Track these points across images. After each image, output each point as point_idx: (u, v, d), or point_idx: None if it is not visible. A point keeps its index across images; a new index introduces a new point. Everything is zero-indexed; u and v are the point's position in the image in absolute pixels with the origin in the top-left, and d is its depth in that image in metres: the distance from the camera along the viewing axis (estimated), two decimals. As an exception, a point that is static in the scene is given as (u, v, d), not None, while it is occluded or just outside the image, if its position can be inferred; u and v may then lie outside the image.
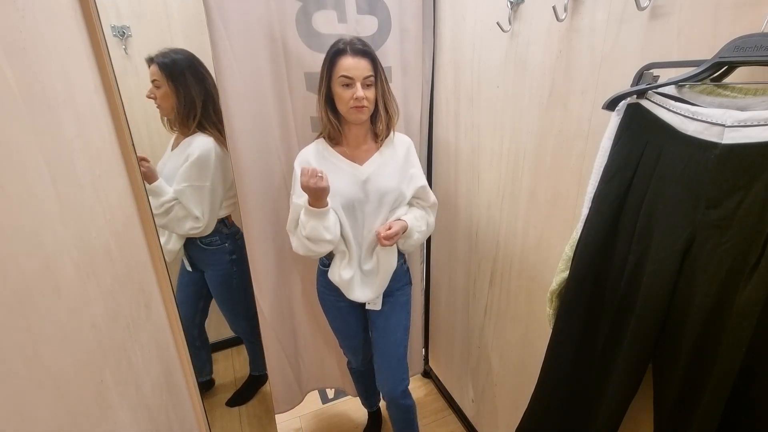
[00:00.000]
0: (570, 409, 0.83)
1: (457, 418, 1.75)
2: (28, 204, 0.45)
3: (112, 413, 0.59)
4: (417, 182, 1.20)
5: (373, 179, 1.14)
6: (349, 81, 1.04)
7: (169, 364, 0.92)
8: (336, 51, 1.05)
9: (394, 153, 1.19)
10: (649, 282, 0.65)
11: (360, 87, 1.04)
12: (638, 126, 0.68)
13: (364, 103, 1.06)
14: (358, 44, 1.05)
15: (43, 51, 0.54)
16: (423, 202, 1.24)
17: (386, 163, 1.17)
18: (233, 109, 1.18)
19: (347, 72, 1.04)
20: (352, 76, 1.04)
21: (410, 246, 1.22)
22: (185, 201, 1.35)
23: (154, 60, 1.32)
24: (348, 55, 1.04)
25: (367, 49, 1.06)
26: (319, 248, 1.12)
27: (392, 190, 1.16)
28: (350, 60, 1.03)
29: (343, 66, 1.04)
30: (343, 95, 1.06)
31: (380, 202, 1.15)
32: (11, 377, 0.38)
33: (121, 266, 0.71)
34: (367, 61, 1.05)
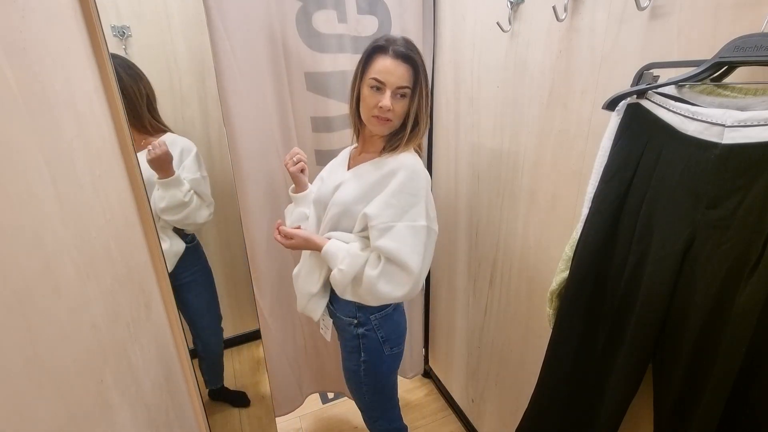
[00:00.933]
0: (570, 409, 0.83)
1: (457, 418, 1.75)
2: (28, 204, 0.45)
3: (112, 413, 0.59)
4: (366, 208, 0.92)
5: (341, 187, 0.99)
6: (380, 85, 0.90)
7: (169, 364, 0.92)
8: (375, 48, 0.91)
9: (377, 168, 0.96)
10: (649, 282, 0.65)
11: (389, 96, 0.89)
12: (638, 126, 0.68)
13: (389, 116, 0.91)
14: (401, 46, 0.90)
15: (43, 51, 0.54)
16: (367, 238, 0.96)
17: (362, 175, 0.97)
18: (233, 109, 1.18)
19: (379, 75, 0.89)
20: (383, 81, 0.89)
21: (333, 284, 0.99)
22: (201, 189, 1.39)
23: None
24: (388, 55, 0.89)
25: (411, 55, 0.90)
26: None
27: (341, 203, 0.97)
28: (388, 62, 0.89)
29: (378, 67, 0.89)
30: (369, 100, 0.91)
31: (328, 211, 1.00)
32: (11, 377, 0.38)
33: (121, 266, 0.71)
34: (408, 69, 0.90)
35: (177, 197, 1.29)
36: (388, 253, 0.89)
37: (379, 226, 0.90)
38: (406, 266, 0.89)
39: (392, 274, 0.91)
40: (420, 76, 0.92)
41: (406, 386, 1.95)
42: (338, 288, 0.97)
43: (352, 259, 0.93)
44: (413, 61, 0.90)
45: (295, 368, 1.61)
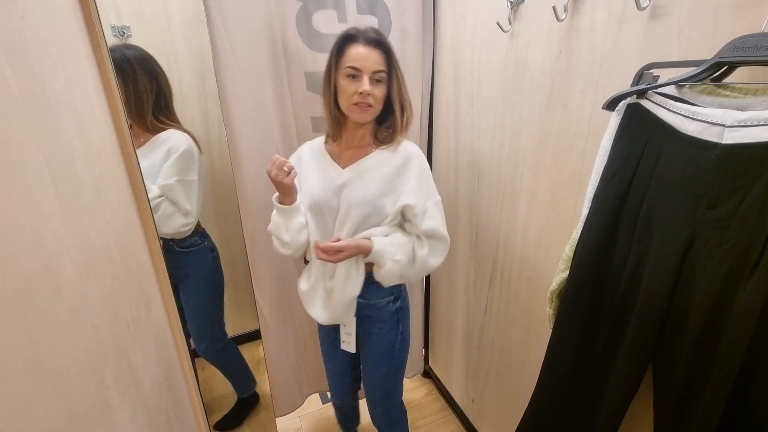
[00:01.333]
0: (570, 409, 0.83)
1: (457, 418, 1.75)
2: (28, 204, 0.45)
3: (112, 413, 0.59)
4: (402, 200, 0.98)
5: (351, 186, 0.99)
6: (356, 72, 0.92)
7: (169, 364, 0.92)
8: (346, 37, 0.94)
9: (387, 161, 1.00)
10: (649, 282, 0.65)
11: (367, 81, 0.92)
12: (638, 126, 0.68)
13: (369, 101, 0.93)
14: (371, 33, 0.94)
15: (43, 51, 0.54)
16: (413, 227, 1.02)
17: (372, 170, 1.00)
18: (233, 109, 1.18)
19: (355, 62, 0.92)
20: (359, 68, 0.92)
21: (383, 277, 1.01)
22: (174, 196, 1.29)
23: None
24: (359, 43, 0.92)
25: (381, 39, 0.94)
26: (280, 248, 1.04)
27: (366, 202, 0.98)
28: (361, 49, 0.92)
29: (352, 55, 0.92)
30: (347, 88, 0.93)
31: (348, 212, 0.99)
32: (11, 377, 0.38)
33: (121, 266, 0.71)
34: (380, 54, 0.93)
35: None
36: (430, 231, 1.01)
37: (420, 211, 1.00)
38: (443, 237, 1.04)
39: (435, 247, 1.04)
40: (392, 60, 0.95)
41: (407, 386, 1.94)
42: (390, 278, 1.02)
43: (404, 248, 1.01)
44: (385, 45, 0.94)
45: (295, 368, 1.61)
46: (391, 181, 1.00)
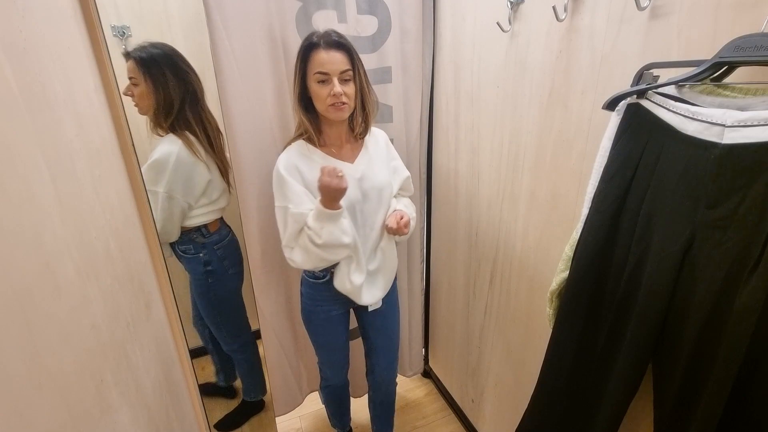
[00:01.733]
0: (570, 409, 0.83)
1: (457, 418, 1.75)
2: (28, 204, 0.45)
3: (112, 413, 0.59)
4: (402, 173, 1.21)
5: (368, 176, 1.10)
6: (325, 77, 0.98)
7: (169, 364, 0.92)
8: (308, 45, 0.98)
9: (376, 147, 1.16)
10: (649, 282, 0.65)
11: (337, 82, 0.98)
12: (638, 126, 0.68)
13: (344, 99, 1.00)
14: (333, 36, 0.98)
15: (43, 51, 0.54)
16: (406, 192, 1.25)
17: (373, 158, 1.14)
18: (233, 109, 1.18)
19: (322, 67, 0.97)
20: (327, 72, 0.97)
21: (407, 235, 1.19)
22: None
23: (131, 55, 1.22)
24: (321, 48, 0.97)
25: (342, 41, 0.99)
26: (335, 255, 1.05)
27: (387, 184, 1.14)
28: (324, 54, 0.97)
29: (318, 61, 0.97)
30: (320, 92, 0.99)
31: (379, 198, 1.12)
32: (11, 377, 0.38)
33: (121, 266, 0.71)
34: (343, 54, 0.99)
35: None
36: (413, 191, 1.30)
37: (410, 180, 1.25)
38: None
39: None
40: (355, 58, 1.02)
41: (407, 386, 1.95)
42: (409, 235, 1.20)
43: (411, 208, 1.23)
44: (345, 46, 1.00)
45: (295, 367, 1.61)
46: (386, 163, 1.17)
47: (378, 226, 1.14)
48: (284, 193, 1.05)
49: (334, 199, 0.98)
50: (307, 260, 1.06)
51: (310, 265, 1.07)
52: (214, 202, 1.39)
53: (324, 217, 0.99)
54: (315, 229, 1.01)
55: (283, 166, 1.05)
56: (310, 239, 1.02)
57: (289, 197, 1.04)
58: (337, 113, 1.02)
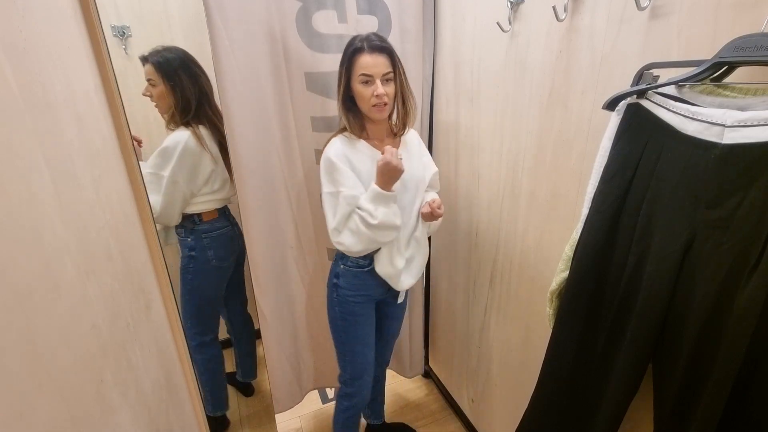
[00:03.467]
0: (570, 409, 0.83)
1: (457, 418, 1.75)
2: (28, 204, 0.45)
3: (112, 413, 0.59)
4: (432, 168, 1.26)
5: (407, 169, 1.13)
6: (369, 78, 1.05)
7: (169, 364, 0.92)
8: (354, 50, 1.05)
9: (412, 143, 1.23)
10: (649, 282, 0.65)
11: (380, 84, 1.05)
12: (638, 126, 0.68)
13: (385, 100, 1.06)
14: (375, 40, 1.05)
15: (43, 51, 0.54)
16: (433, 189, 1.30)
17: (410, 153, 1.21)
18: (233, 109, 1.18)
19: (366, 70, 1.04)
20: (371, 74, 1.04)
21: (436, 226, 1.28)
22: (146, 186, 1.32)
23: (148, 59, 1.32)
24: (366, 52, 1.04)
25: (384, 45, 1.06)
26: (385, 237, 1.12)
27: (422, 177, 1.21)
28: (368, 58, 1.04)
29: (362, 64, 1.04)
30: (364, 93, 1.06)
31: (416, 189, 1.19)
32: (11, 377, 0.38)
33: (121, 266, 0.71)
34: (385, 57, 1.05)
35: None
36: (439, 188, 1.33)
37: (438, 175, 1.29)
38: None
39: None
40: (396, 61, 1.08)
41: (407, 386, 1.95)
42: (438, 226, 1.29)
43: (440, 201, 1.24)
44: (388, 50, 1.06)
45: (295, 365, 1.61)
46: (420, 158, 1.24)
47: (414, 216, 1.20)
48: (336, 179, 1.10)
49: (391, 180, 1.05)
50: (356, 242, 1.10)
51: (359, 247, 1.11)
52: (215, 192, 1.46)
53: (380, 198, 1.06)
54: (369, 210, 1.06)
55: (334, 153, 1.10)
56: (363, 220, 1.07)
57: (341, 182, 1.09)
58: (379, 113, 1.09)
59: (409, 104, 1.15)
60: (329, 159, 1.10)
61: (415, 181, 1.19)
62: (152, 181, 1.33)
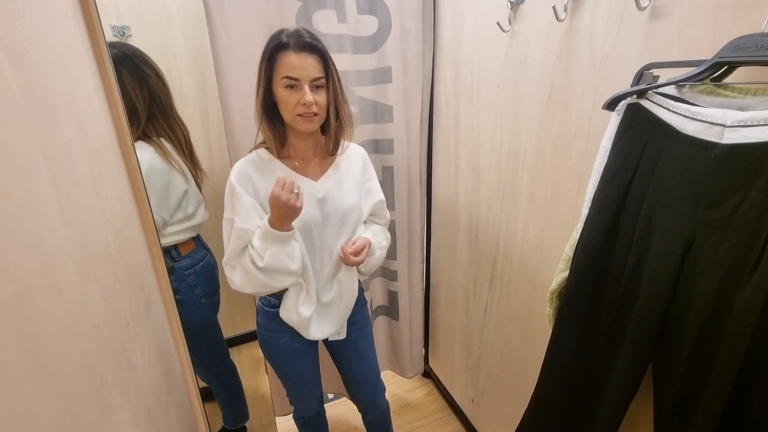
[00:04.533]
0: (570, 409, 0.83)
1: (457, 418, 1.75)
2: (28, 204, 0.45)
3: (112, 413, 0.59)
4: (375, 196, 1.07)
5: (332, 197, 0.99)
6: (295, 83, 0.87)
7: (169, 364, 0.92)
8: (277, 45, 0.86)
9: (349, 166, 1.04)
10: (649, 282, 0.65)
11: (308, 90, 0.87)
12: (638, 126, 0.68)
13: (314, 110, 0.89)
14: (305, 37, 0.86)
15: (43, 51, 0.54)
16: (379, 219, 1.12)
17: (343, 178, 1.02)
18: (233, 109, 1.18)
19: (292, 72, 0.86)
20: (297, 77, 0.86)
21: (372, 267, 1.08)
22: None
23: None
24: (291, 50, 0.85)
25: (315, 44, 0.87)
26: (278, 282, 0.93)
27: (354, 208, 1.02)
28: (294, 57, 0.85)
29: (287, 64, 0.86)
30: (288, 100, 0.88)
31: (342, 222, 1.01)
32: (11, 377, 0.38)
33: (121, 266, 0.71)
34: (316, 59, 0.87)
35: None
36: (388, 220, 1.17)
37: (384, 201, 1.11)
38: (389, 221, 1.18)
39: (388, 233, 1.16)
40: (329, 64, 0.90)
41: (406, 386, 1.95)
42: (376, 266, 1.12)
43: (383, 235, 1.12)
44: (319, 50, 0.88)
45: (295, 368, 1.60)
46: (360, 185, 1.06)
47: (337, 254, 1.02)
48: (233, 205, 0.93)
49: (284, 217, 0.86)
50: (246, 283, 0.93)
51: (250, 289, 0.94)
52: (189, 218, 1.25)
53: (270, 237, 0.88)
54: (258, 249, 0.89)
55: (236, 175, 0.94)
56: (251, 260, 0.90)
57: (237, 210, 0.92)
58: (307, 124, 0.91)
59: (344, 116, 0.96)
60: (230, 180, 0.93)
61: (342, 212, 1.00)
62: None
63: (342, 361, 1.21)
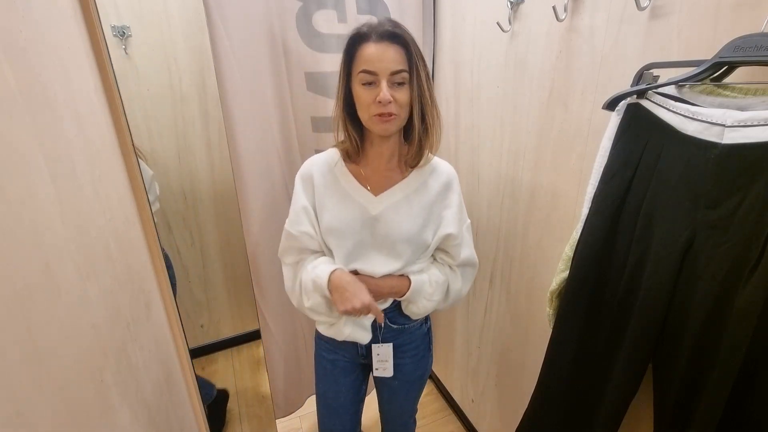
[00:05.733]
0: (570, 409, 0.83)
1: (457, 418, 1.75)
2: (28, 204, 0.45)
3: (112, 413, 0.59)
4: (444, 228, 0.87)
5: (386, 218, 0.85)
6: (372, 78, 0.76)
7: (169, 364, 0.92)
8: (356, 37, 0.77)
9: (425, 186, 0.88)
10: (649, 282, 0.65)
11: (386, 86, 0.76)
12: (638, 126, 0.68)
13: (392, 109, 0.77)
14: (387, 25, 0.76)
15: (43, 51, 0.54)
16: (449, 258, 0.92)
17: (410, 198, 0.87)
18: (233, 109, 1.18)
19: (369, 65, 0.75)
20: (374, 71, 0.75)
21: (413, 313, 0.93)
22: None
23: None
24: (371, 41, 0.75)
25: (398, 32, 0.76)
26: (316, 317, 0.93)
27: (410, 237, 0.86)
28: (373, 48, 0.75)
29: (364, 56, 0.76)
30: (364, 97, 0.78)
31: (392, 249, 0.87)
32: (11, 377, 0.38)
33: (121, 266, 0.71)
34: (398, 49, 0.76)
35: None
36: (467, 261, 0.93)
37: (459, 241, 0.90)
38: (475, 263, 0.97)
39: (467, 274, 0.97)
40: (413, 57, 0.77)
41: (406, 386, 1.95)
42: (423, 314, 0.94)
43: (441, 287, 0.92)
44: (402, 39, 0.76)
45: (296, 369, 1.60)
46: (431, 212, 0.88)
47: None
48: (292, 202, 0.91)
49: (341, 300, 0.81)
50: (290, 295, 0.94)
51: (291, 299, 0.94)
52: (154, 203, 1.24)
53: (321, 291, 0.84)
54: (308, 290, 0.87)
55: (302, 171, 0.90)
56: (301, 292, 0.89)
57: (291, 210, 0.90)
58: (383, 125, 0.79)
59: (430, 120, 0.82)
60: (296, 177, 0.90)
61: (393, 240, 0.85)
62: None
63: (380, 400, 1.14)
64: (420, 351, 1.01)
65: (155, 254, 0.92)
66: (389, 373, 0.98)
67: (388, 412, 1.13)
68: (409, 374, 1.02)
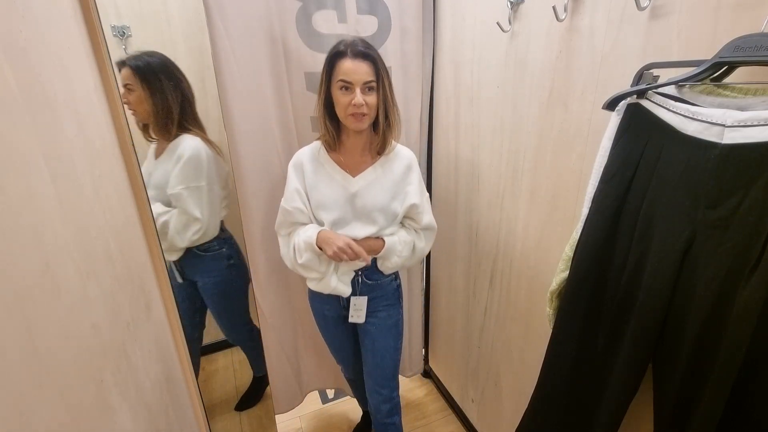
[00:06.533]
0: (570, 409, 0.83)
1: (457, 418, 1.75)
2: (28, 204, 0.45)
3: (112, 413, 0.59)
4: (409, 199, 1.13)
5: (363, 194, 1.09)
6: (348, 85, 1.00)
7: (169, 364, 0.93)
8: (335, 53, 1.01)
9: (390, 167, 1.13)
10: (649, 282, 0.65)
11: (359, 92, 0.99)
12: (638, 126, 0.68)
13: (363, 110, 1.01)
14: (359, 46, 1.00)
15: (43, 51, 0.54)
16: (414, 223, 1.17)
17: (380, 178, 1.12)
18: (233, 109, 1.18)
19: (346, 76, 0.99)
20: (351, 81, 0.99)
21: (387, 267, 1.17)
22: (183, 204, 1.31)
23: (126, 63, 1.27)
24: (348, 57, 0.99)
25: (368, 52, 1.00)
26: (307, 273, 1.14)
27: (383, 207, 1.11)
28: (349, 63, 0.99)
29: (342, 69, 0.99)
30: (342, 100, 1.01)
31: (368, 218, 1.11)
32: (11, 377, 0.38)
33: (121, 266, 0.71)
34: (368, 65, 1.00)
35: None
36: (428, 225, 1.18)
37: (421, 209, 1.15)
38: (434, 227, 1.20)
39: (429, 237, 1.21)
40: (380, 70, 1.02)
41: (406, 386, 1.95)
42: (394, 268, 1.19)
43: (408, 245, 1.16)
44: (371, 57, 1.01)
45: (295, 366, 1.61)
46: (397, 186, 1.13)
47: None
48: (286, 185, 1.13)
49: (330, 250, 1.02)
50: (285, 259, 1.16)
51: (288, 265, 1.15)
52: (227, 196, 1.45)
53: (311, 248, 1.07)
54: (299, 249, 1.09)
55: (293, 161, 1.14)
56: (294, 252, 1.11)
57: (285, 190, 1.13)
58: (356, 123, 1.04)
59: (392, 118, 1.08)
60: (289, 166, 1.13)
61: (368, 210, 1.10)
62: (190, 195, 1.30)
63: (361, 347, 1.30)
64: (391, 301, 1.25)
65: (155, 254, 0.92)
66: (361, 320, 1.22)
67: (374, 369, 1.28)
68: (383, 320, 1.24)
